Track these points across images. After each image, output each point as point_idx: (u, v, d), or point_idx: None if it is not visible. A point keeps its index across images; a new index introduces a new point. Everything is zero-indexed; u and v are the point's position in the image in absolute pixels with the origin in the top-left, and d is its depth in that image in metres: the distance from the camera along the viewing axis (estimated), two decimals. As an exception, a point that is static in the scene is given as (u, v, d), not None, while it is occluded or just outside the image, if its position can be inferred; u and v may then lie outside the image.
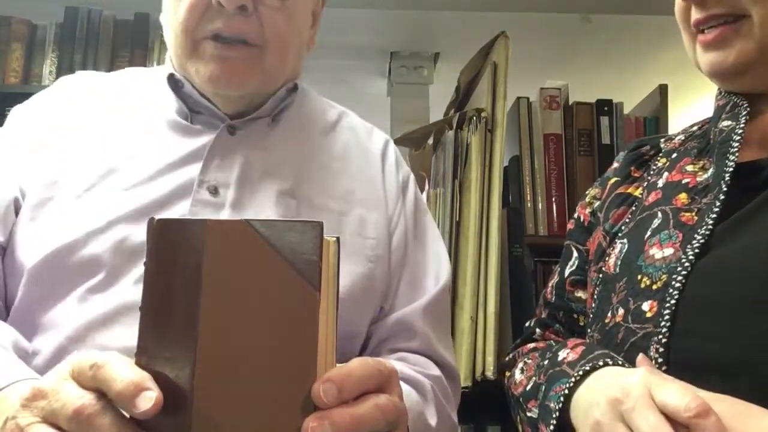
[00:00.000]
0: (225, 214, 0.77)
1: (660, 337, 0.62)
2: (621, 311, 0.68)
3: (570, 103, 1.75)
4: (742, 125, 0.70)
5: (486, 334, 1.36)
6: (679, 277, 0.64)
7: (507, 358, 0.89)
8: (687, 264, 0.64)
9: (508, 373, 0.85)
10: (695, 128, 0.81)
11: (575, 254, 0.85)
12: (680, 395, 0.53)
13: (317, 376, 0.48)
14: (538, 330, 0.90)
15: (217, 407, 0.46)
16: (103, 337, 0.69)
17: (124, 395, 0.45)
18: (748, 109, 0.71)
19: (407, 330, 0.82)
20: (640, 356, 0.63)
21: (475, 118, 1.47)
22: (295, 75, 0.89)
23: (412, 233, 0.89)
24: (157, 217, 0.50)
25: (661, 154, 0.81)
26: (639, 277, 0.68)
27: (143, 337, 0.48)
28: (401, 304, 0.83)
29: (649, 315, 0.64)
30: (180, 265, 0.48)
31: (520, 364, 0.83)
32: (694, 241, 0.65)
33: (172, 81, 0.83)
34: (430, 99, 2.24)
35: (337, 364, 0.51)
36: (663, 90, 1.76)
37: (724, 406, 0.53)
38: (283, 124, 0.87)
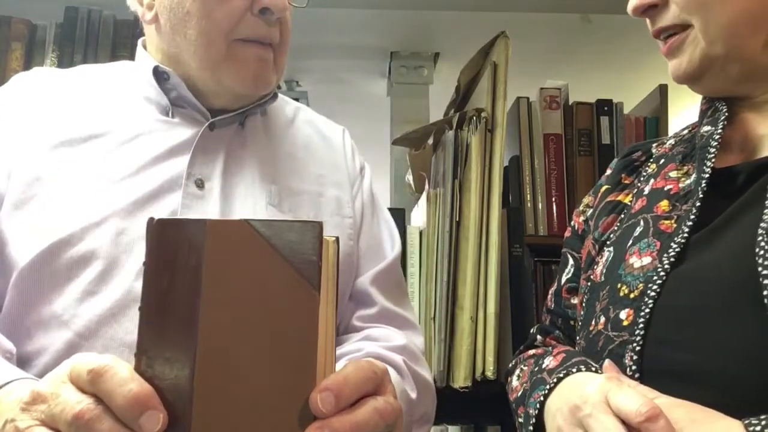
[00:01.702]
0: (214, 206, 0.79)
1: (634, 345, 0.63)
2: (603, 319, 0.69)
3: (570, 103, 1.75)
4: (719, 130, 0.70)
5: (486, 334, 1.36)
6: (654, 286, 0.65)
7: (510, 365, 0.90)
8: (662, 273, 0.65)
9: (509, 379, 0.87)
10: (686, 131, 0.82)
11: (571, 262, 0.87)
12: (633, 400, 0.55)
13: (317, 375, 0.48)
14: (539, 336, 0.91)
15: (218, 407, 0.46)
16: (114, 331, 0.70)
17: (128, 413, 0.45)
18: (727, 114, 0.72)
19: (367, 297, 0.86)
20: (606, 362, 0.65)
21: (475, 118, 1.47)
22: None
23: (369, 209, 0.95)
24: (155, 215, 0.50)
25: (651, 160, 0.82)
26: (618, 285, 0.69)
27: (143, 337, 0.48)
28: (361, 272, 0.88)
29: (625, 323, 0.66)
30: (180, 265, 0.48)
31: (517, 371, 0.85)
32: (670, 250, 0.66)
33: (157, 73, 0.85)
34: (430, 99, 2.24)
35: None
36: (663, 90, 1.76)
37: (681, 411, 0.54)
38: (250, 123, 0.90)
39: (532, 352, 0.88)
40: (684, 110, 2.63)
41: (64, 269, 0.72)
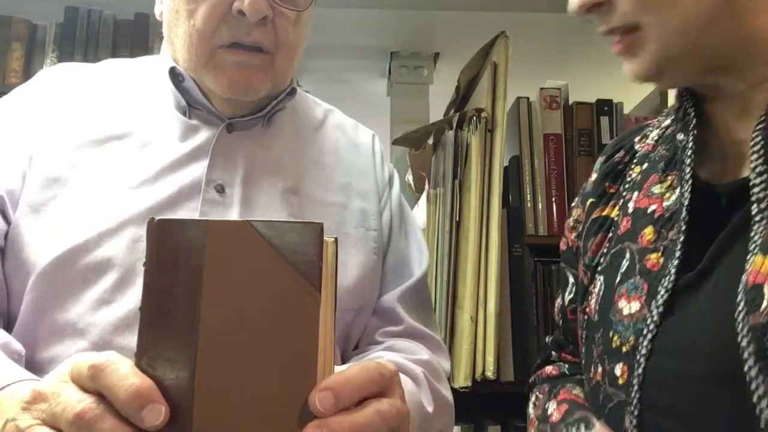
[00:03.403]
0: (234, 214, 0.77)
1: (632, 408, 0.62)
2: (600, 369, 0.68)
3: (570, 103, 1.75)
4: (691, 140, 0.67)
5: (486, 334, 1.36)
6: (645, 342, 0.63)
7: (530, 380, 0.90)
8: (652, 326, 0.63)
9: (529, 397, 0.86)
10: (668, 122, 0.78)
11: (571, 280, 0.84)
12: None
13: (317, 375, 0.48)
14: (554, 352, 0.89)
15: (218, 407, 0.46)
16: (128, 341, 0.69)
17: (130, 407, 0.45)
18: (695, 119, 0.68)
19: (393, 314, 0.84)
20: (597, 426, 0.65)
21: (475, 118, 1.47)
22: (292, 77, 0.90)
23: (398, 221, 0.92)
24: (158, 217, 0.50)
25: (635, 161, 0.78)
26: (610, 334, 0.67)
27: (143, 338, 0.48)
28: (387, 290, 0.87)
29: (620, 382, 0.64)
30: (180, 265, 0.48)
31: (533, 398, 0.84)
32: (659, 297, 0.63)
33: (173, 74, 0.83)
34: (430, 99, 2.24)
35: (338, 367, 0.51)
36: (663, 90, 1.76)
37: None
38: (276, 124, 0.88)
39: (549, 369, 0.86)
40: (684, 110, 2.62)
41: (79, 276, 0.71)
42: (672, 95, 1.82)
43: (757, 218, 0.58)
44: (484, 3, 1.95)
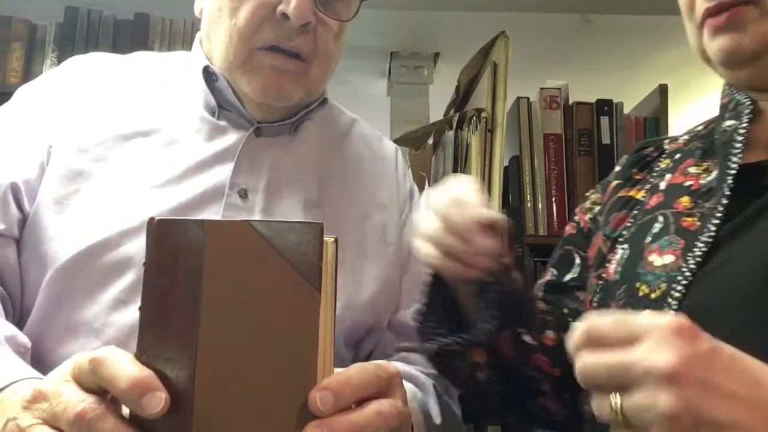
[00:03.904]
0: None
1: None
2: None
3: (570, 103, 1.75)
4: (744, 124, 0.68)
5: (486, 334, 1.36)
6: (679, 287, 0.62)
7: None
8: (688, 273, 0.62)
9: None
10: (701, 128, 0.79)
11: (578, 260, 0.83)
12: None
13: (317, 375, 0.48)
14: None
15: (218, 407, 0.46)
16: None
17: (130, 395, 0.45)
18: (752, 107, 0.69)
19: (410, 331, 0.82)
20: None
21: (475, 118, 1.47)
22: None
23: None
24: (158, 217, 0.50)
25: (664, 155, 0.79)
26: (637, 284, 0.66)
27: (144, 338, 0.48)
28: (404, 305, 0.85)
29: None
30: (180, 265, 0.48)
31: None
32: (696, 249, 0.63)
33: (206, 73, 0.82)
34: (430, 99, 2.24)
35: (338, 369, 0.51)
36: (663, 90, 1.76)
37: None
38: (303, 131, 0.87)
39: None
40: (684, 110, 2.63)
41: (97, 275, 0.71)
42: (673, 95, 1.82)
43: None
44: (484, 3, 1.96)
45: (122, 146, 0.77)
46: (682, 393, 0.42)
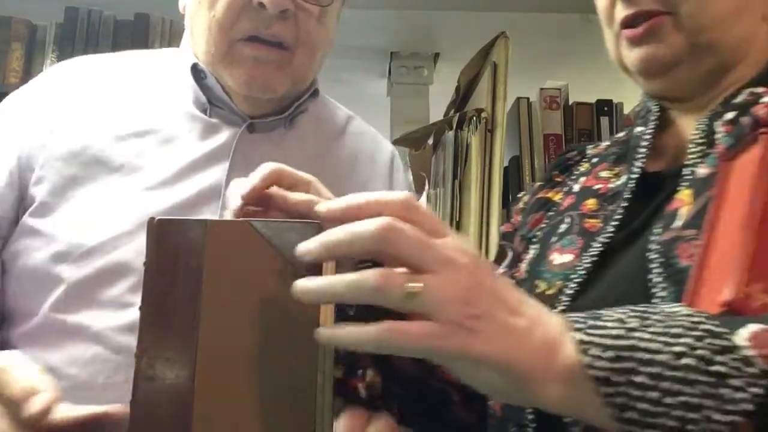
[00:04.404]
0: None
1: None
2: None
3: (570, 103, 1.75)
4: (650, 131, 0.69)
5: (486, 334, 1.36)
6: (573, 285, 0.62)
7: None
8: (583, 272, 0.63)
9: None
10: (622, 134, 0.80)
11: (510, 255, 0.82)
12: None
13: (317, 375, 0.48)
14: None
15: (218, 407, 0.46)
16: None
17: (15, 399, 0.47)
18: (658, 114, 0.70)
19: None
20: None
21: (475, 118, 1.47)
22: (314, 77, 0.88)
23: None
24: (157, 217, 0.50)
25: (584, 160, 0.80)
26: (537, 282, 0.67)
27: (143, 338, 0.48)
28: None
29: None
30: (180, 265, 0.48)
31: None
32: (592, 249, 0.64)
33: (195, 71, 0.82)
34: (430, 99, 2.24)
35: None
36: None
37: None
38: (298, 126, 0.86)
39: None
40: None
41: (94, 279, 0.71)
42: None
43: (686, 172, 0.60)
44: (484, 3, 1.95)
45: (115, 148, 0.77)
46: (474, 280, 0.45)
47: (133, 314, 0.69)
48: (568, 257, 0.66)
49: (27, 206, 0.75)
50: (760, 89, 0.63)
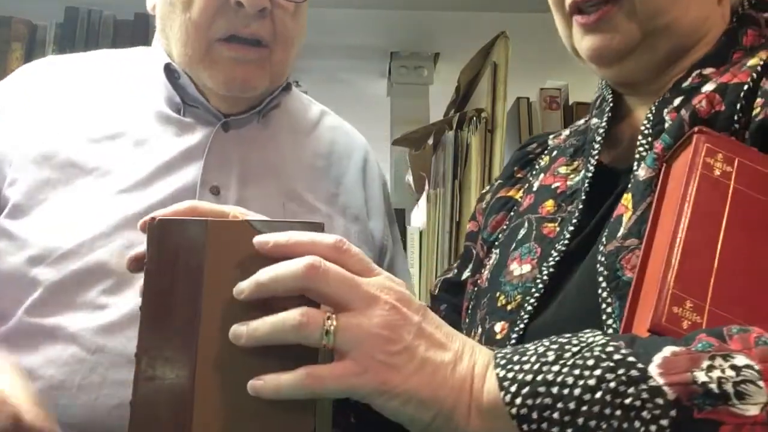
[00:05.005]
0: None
1: None
2: (480, 330, 0.66)
3: (570, 103, 1.75)
4: (604, 123, 0.67)
5: (486, 334, 1.36)
6: (532, 300, 0.62)
7: None
8: (541, 285, 0.62)
9: None
10: (582, 122, 0.78)
11: (475, 257, 0.81)
12: None
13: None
14: None
15: (218, 407, 0.46)
16: (123, 347, 0.69)
17: None
18: (612, 104, 0.68)
19: None
20: None
21: (475, 118, 1.47)
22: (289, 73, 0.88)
23: (391, 262, 0.91)
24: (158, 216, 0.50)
25: (545, 153, 0.78)
26: (497, 294, 0.66)
27: (144, 337, 0.49)
28: None
29: (498, 337, 0.62)
30: (181, 265, 0.48)
31: None
32: (550, 259, 0.63)
33: (168, 71, 0.81)
34: (430, 99, 2.24)
35: None
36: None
37: None
38: (271, 122, 0.87)
39: None
40: (684, 110, 2.62)
41: (71, 281, 0.71)
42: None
43: (636, 169, 0.59)
44: (484, 3, 1.95)
45: (89, 150, 0.77)
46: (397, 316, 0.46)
47: (110, 315, 0.70)
48: (526, 267, 0.65)
49: (1, 207, 0.75)
50: (708, 70, 0.61)
